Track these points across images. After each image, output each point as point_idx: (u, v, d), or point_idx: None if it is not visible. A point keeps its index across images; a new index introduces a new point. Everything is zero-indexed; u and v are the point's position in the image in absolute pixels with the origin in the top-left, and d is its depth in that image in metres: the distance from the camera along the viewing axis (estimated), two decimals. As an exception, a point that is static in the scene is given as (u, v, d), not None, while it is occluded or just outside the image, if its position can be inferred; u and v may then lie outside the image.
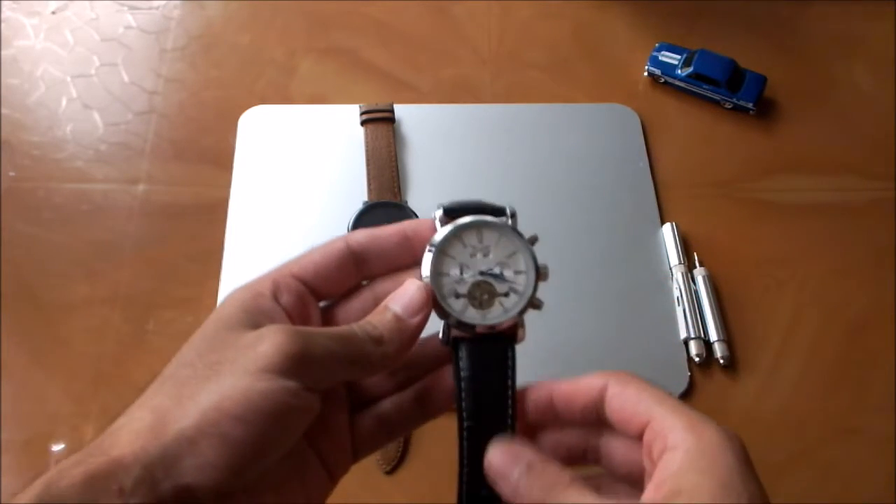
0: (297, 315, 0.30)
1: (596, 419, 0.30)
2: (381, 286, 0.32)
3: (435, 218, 0.31)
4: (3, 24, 0.71)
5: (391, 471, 0.51)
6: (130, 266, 0.58)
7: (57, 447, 0.51)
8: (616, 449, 0.30)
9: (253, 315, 0.28)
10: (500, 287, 0.31)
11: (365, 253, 0.31)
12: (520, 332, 0.31)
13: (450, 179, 0.62)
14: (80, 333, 0.55)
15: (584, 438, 0.31)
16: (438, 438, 0.52)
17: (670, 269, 0.58)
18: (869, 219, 0.62)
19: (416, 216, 0.59)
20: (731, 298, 0.57)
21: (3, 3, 0.72)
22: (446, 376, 0.32)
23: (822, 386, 0.55)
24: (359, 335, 0.29)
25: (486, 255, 0.31)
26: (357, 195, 0.60)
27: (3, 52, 0.69)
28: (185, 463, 0.24)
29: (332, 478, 0.31)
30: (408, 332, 0.30)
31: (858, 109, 0.68)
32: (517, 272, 0.31)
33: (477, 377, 0.29)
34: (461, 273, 0.31)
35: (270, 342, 0.26)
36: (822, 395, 0.54)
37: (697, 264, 0.58)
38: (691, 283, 0.57)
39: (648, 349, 0.55)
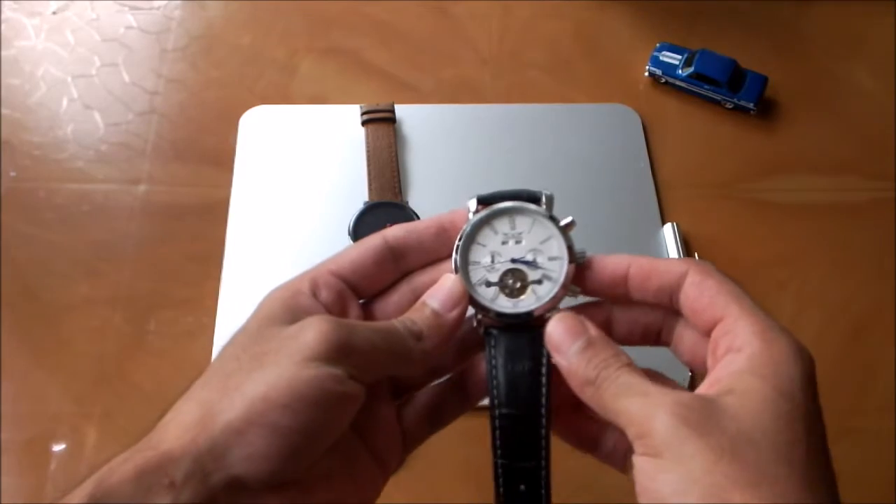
0: (336, 311, 0.30)
1: (668, 303, 0.29)
2: (418, 280, 0.32)
3: (469, 208, 0.31)
4: (3, 25, 0.71)
5: (392, 471, 0.51)
6: (131, 266, 0.58)
7: (58, 447, 0.51)
8: (686, 336, 0.30)
9: (293, 312, 0.28)
10: (533, 274, 0.30)
11: (402, 247, 0.31)
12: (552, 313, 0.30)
13: (451, 179, 0.62)
14: (81, 333, 0.55)
15: (661, 318, 0.30)
16: (439, 438, 0.52)
17: (671, 269, 0.58)
18: (869, 219, 0.62)
19: (417, 216, 0.59)
20: (731, 298, 0.57)
21: (4, 3, 0.72)
22: (482, 360, 0.31)
23: (823, 386, 0.54)
24: (400, 330, 0.29)
25: (518, 241, 0.31)
26: (358, 195, 0.60)
27: (3, 53, 0.69)
28: (234, 454, 0.24)
29: (385, 473, 0.30)
30: (446, 327, 0.30)
31: (859, 109, 0.68)
32: (551, 258, 0.30)
33: (509, 366, 0.29)
34: (492, 261, 0.30)
35: (314, 331, 0.26)
36: (823, 394, 0.54)
37: (698, 264, 0.58)
38: (692, 284, 0.57)
39: (650, 348, 0.55)
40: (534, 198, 0.31)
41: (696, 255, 0.59)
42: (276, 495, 0.25)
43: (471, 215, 0.31)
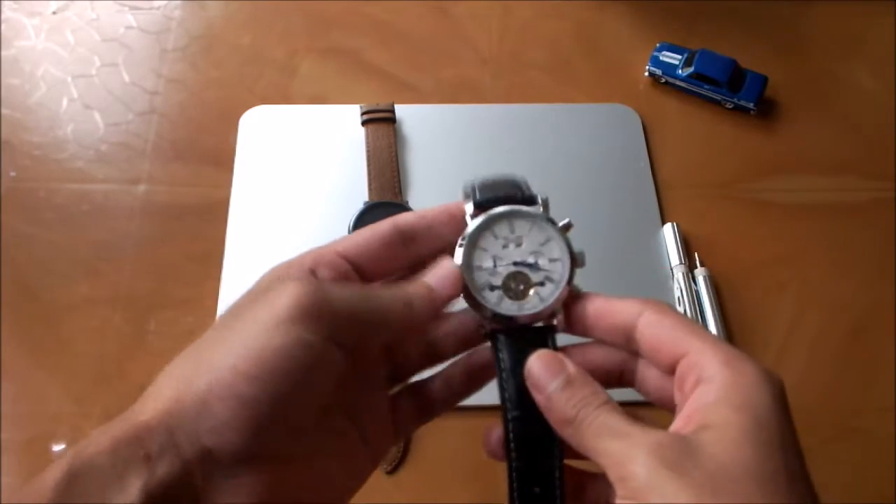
0: None
1: (624, 343, 0.29)
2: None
3: (465, 213, 0.31)
4: (3, 25, 0.71)
5: (391, 471, 0.51)
6: (131, 266, 0.58)
7: (58, 447, 0.51)
8: (650, 376, 0.30)
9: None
10: (536, 276, 0.30)
11: (412, 231, 0.31)
12: (558, 319, 0.30)
13: (451, 179, 0.61)
14: (81, 333, 0.55)
15: (621, 360, 0.30)
16: (439, 439, 0.52)
17: (671, 269, 0.58)
18: (869, 219, 0.62)
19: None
20: (731, 298, 0.57)
21: (4, 3, 0.72)
22: (477, 356, 0.32)
23: (823, 386, 0.55)
24: (384, 293, 0.29)
25: (518, 244, 0.31)
26: (358, 195, 0.60)
27: (3, 53, 0.69)
28: (203, 426, 0.24)
29: (374, 458, 0.30)
30: (438, 302, 0.30)
31: (859, 109, 0.68)
32: (552, 260, 0.30)
33: (517, 368, 0.29)
34: (494, 265, 0.30)
35: (287, 294, 0.26)
36: (823, 395, 0.54)
37: (698, 264, 0.58)
38: (692, 284, 0.57)
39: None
40: (529, 200, 0.32)
41: (696, 255, 0.59)
42: (250, 469, 0.25)
43: (468, 218, 0.31)
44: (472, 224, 0.31)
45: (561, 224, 0.31)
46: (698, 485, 0.23)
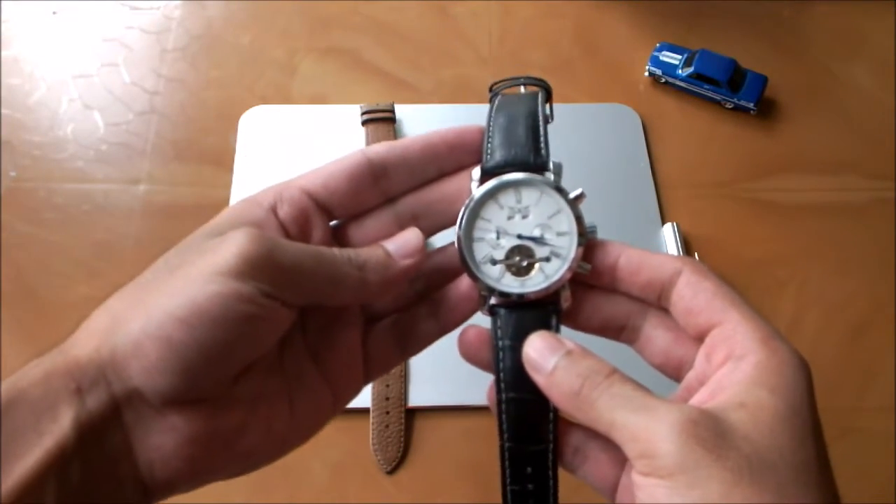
0: (295, 230, 0.28)
1: (655, 300, 0.28)
2: (403, 203, 0.30)
3: (471, 178, 0.29)
4: (4, 25, 0.71)
5: (391, 471, 0.51)
6: (131, 266, 0.58)
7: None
8: (658, 337, 0.28)
9: (241, 225, 0.27)
10: (541, 251, 0.28)
11: (384, 164, 0.29)
12: (564, 296, 0.28)
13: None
14: (81, 333, 0.55)
15: (628, 314, 0.29)
16: (439, 439, 0.52)
17: (671, 269, 0.58)
18: (869, 219, 0.62)
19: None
20: (731, 298, 0.57)
21: (4, 3, 0.72)
22: (462, 284, 0.30)
23: (823, 386, 0.54)
24: (337, 255, 0.27)
25: (525, 216, 0.28)
26: (358, 195, 0.60)
27: (3, 53, 0.69)
28: (132, 366, 0.24)
29: (337, 401, 0.29)
30: (394, 270, 0.28)
31: (859, 109, 0.68)
32: (560, 234, 0.28)
33: (516, 347, 0.27)
34: (497, 237, 0.28)
35: (233, 245, 0.25)
36: (823, 395, 0.54)
37: (698, 264, 0.58)
38: (692, 284, 0.57)
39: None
40: (541, 167, 0.29)
41: (696, 255, 0.59)
42: (179, 411, 0.24)
43: (474, 186, 0.29)
44: (476, 192, 0.29)
45: (573, 195, 0.29)
46: (736, 468, 0.22)
